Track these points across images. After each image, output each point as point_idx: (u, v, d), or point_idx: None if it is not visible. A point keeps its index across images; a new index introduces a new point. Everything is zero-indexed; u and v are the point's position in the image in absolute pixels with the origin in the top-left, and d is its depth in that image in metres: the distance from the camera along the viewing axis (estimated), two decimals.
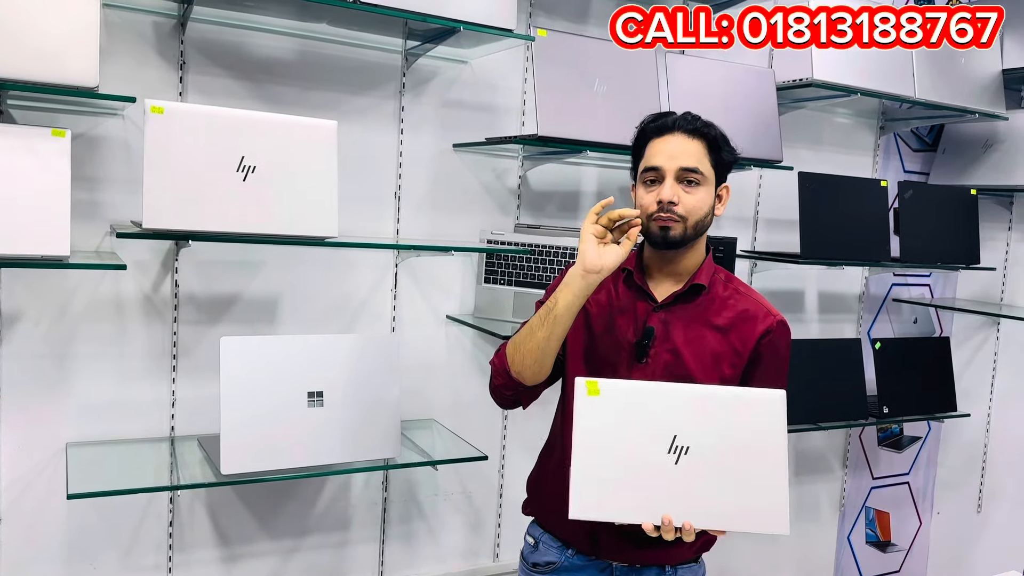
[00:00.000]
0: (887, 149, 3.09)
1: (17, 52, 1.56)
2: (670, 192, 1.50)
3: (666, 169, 1.51)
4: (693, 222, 1.52)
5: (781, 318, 1.60)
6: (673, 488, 1.35)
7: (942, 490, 3.40)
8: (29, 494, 1.91)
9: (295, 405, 1.83)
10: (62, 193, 1.61)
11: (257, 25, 2.04)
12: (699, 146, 1.53)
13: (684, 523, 1.35)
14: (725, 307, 1.58)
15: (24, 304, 1.87)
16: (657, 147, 1.54)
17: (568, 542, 1.65)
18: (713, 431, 1.36)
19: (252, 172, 1.71)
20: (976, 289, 3.31)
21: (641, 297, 1.59)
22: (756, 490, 1.36)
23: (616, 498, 1.36)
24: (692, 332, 1.56)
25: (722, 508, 1.36)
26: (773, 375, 1.60)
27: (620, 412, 1.37)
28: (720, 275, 1.62)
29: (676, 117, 1.56)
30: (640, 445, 1.36)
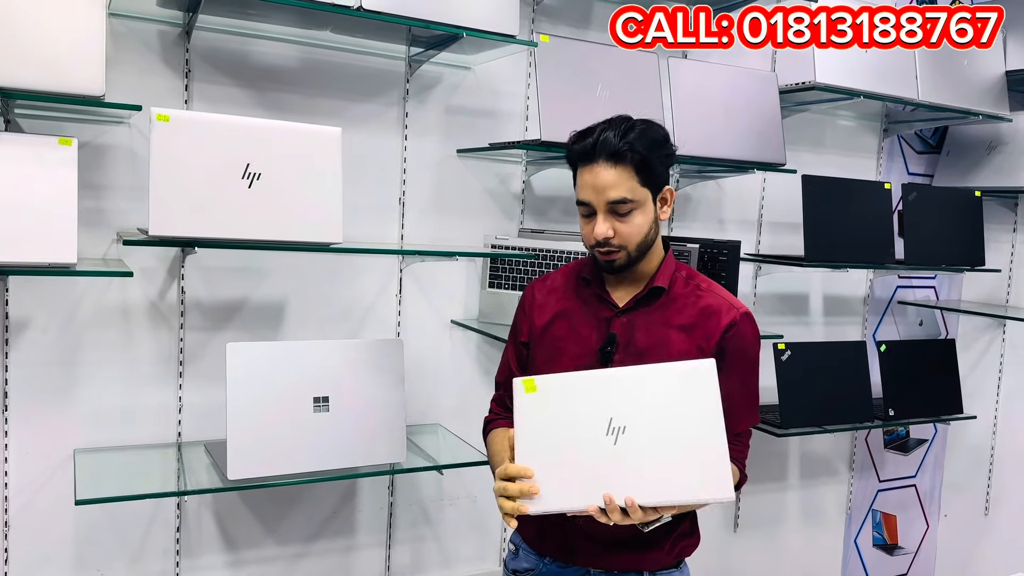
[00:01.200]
0: (891, 151, 3.09)
1: (24, 62, 1.58)
2: (603, 229, 1.47)
3: (595, 204, 1.48)
4: (634, 246, 1.50)
5: (745, 310, 1.57)
6: (614, 469, 1.34)
7: (949, 493, 3.39)
8: (37, 500, 1.92)
9: (301, 410, 1.84)
10: (69, 201, 1.63)
11: (261, 33, 2.05)
12: (625, 172, 1.46)
13: (626, 500, 1.31)
14: (687, 305, 1.56)
15: (32, 311, 1.88)
16: (584, 178, 1.49)
17: (544, 552, 1.63)
18: (647, 408, 1.37)
19: (257, 179, 1.72)
20: (981, 291, 3.30)
21: (602, 304, 1.58)
22: (696, 460, 1.35)
23: (560, 487, 1.36)
24: (655, 335, 1.54)
25: (663, 482, 1.34)
26: (742, 368, 1.58)
27: (557, 404, 1.39)
28: (681, 272, 1.60)
29: (596, 140, 1.47)
30: (579, 432, 1.37)
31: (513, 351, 1.68)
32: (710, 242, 2.34)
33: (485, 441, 1.69)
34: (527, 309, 1.66)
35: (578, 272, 1.64)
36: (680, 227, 2.67)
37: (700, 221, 2.71)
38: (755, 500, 2.93)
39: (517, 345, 1.67)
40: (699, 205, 2.70)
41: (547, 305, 1.63)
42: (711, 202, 2.72)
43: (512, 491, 1.35)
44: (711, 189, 2.71)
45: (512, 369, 1.66)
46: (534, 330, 1.63)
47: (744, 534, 2.93)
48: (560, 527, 1.56)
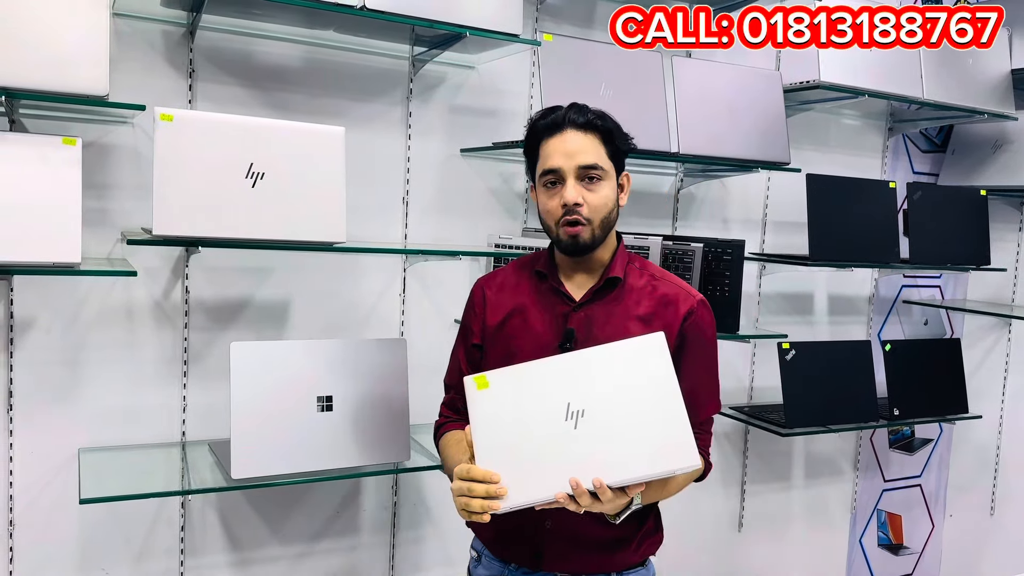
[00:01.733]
0: (896, 150, 3.08)
1: (28, 62, 1.58)
2: (573, 194, 1.47)
3: (565, 169, 1.47)
4: (599, 220, 1.49)
5: (701, 297, 1.57)
6: (578, 453, 1.32)
7: (954, 492, 3.38)
8: (42, 499, 1.92)
9: (305, 410, 1.84)
10: (73, 201, 1.63)
11: (265, 33, 2.06)
12: (594, 140, 1.49)
13: (594, 481, 1.29)
14: (644, 296, 1.55)
15: (36, 311, 1.89)
16: (552, 147, 1.49)
17: (508, 559, 1.60)
18: (603, 388, 1.35)
19: (261, 178, 1.73)
20: (987, 290, 3.29)
21: (558, 298, 1.56)
22: (658, 432, 1.33)
23: (525, 480, 1.33)
24: (615, 327, 1.52)
25: (629, 459, 1.32)
26: (703, 356, 1.57)
27: (512, 397, 1.37)
28: (635, 263, 1.59)
29: (566, 111, 1.50)
30: (538, 422, 1.35)
31: (463, 353, 1.65)
32: (714, 241, 2.34)
33: (437, 445, 1.65)
34: (478, 309, 1.63)
35: (530, 266, 1.62)
36: (684, 226, 2.66)
37: (704, 220, 2.70)
38: (760, 500, 2.93)
39: (468, 347, 1.64)
40: (703, 204, 2.70)
41: (499, 303, 1.60)
42: (715, 201, 2.72)
43: (478, 492, 1.32)
44: (715, 188, 2.71)
45: (463, 371, 1.62)
46: (487, 330, 1.60)
47: (749, 534, 2.92)
48: (527, 531, 1.53)
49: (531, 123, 1.55)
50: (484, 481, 1.33)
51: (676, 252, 2.27)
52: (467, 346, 1.64)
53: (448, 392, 1.69)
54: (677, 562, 2.74)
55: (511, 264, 1.68)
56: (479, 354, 1.62)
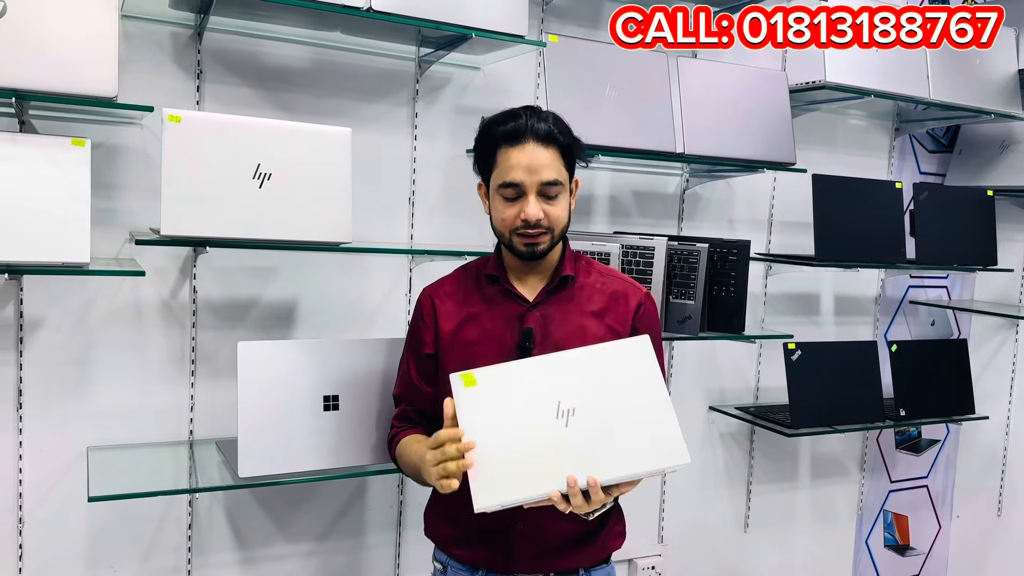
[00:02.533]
0: (902, 151, 3.08)
1: (38, 63, 1.59)
2: (535, 210, 1.47)
3: (527, 185, 1.48)
4: (559, 231, 1.53)
5: (646, 291, 1.63)
6: (570, 451, 1.33)
7: (961, 493, 3.37)
8: (51, 497, 1.94)
9: (311, 409, 1.85)
10: (82, 201, 1.65)
11: (272, 34, 2.07)
12: (554, 154, 1.49)
13: (588, 479, 1.29)
14: (595, 292, 1.58)
15: (45, 310, 1.90)
16: (513, 159, 1.48)
17: (476, 565, 1.60)
18: (593, 387, 1.36)
19: (268, 179, 1.74)
20: (994, 291, 3.28)
21: (511, 300, 1.57)
22: (649, 431, 1.34)
23: (517, 477, 1.33)
24: (570, 324, 1.55)
25: (622, 457, 1.33)
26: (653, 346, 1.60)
27: (501, 395, 1.37)
28: (581, 262, 1.63)
29: (525, 123, 1.49)
30: (528, 419, 1.35)
31: (414, 363, 1.63)
32: (720, 242, 2.34)
33: (394, 456, 1.64)
34: (427, 318, 1.62)
35: (477, 272, 1.63)
36: (690, 227, 2.66)
37: (710, 221, 2.70)
38: (766, 500, 2.92)
39: (420, 357, 1.62)
40: (709, 205, 2.70)
41: (450, 311, 1.60)
42: (721, 202, 2.72)
43: (451, 452, 1.32)
44: (721, 189, 2.71)
45: (414, 382, 1.62)
46: (441, 338, 1.59)
47: (755, 534, 2.92)
48: (496, 535, 1.54)
49: (487, 125, 1.54)
50: (449, 440, 1.33)
51: (681, 252, 2.27)
52: (418, 356, 1.63)
53: (398, 404, 1.69)
54: (683, 562, 2.74)
55: (455, 272, 1.69)
56: (432, 363, 1.61)
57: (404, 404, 1.67)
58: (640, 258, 2.23)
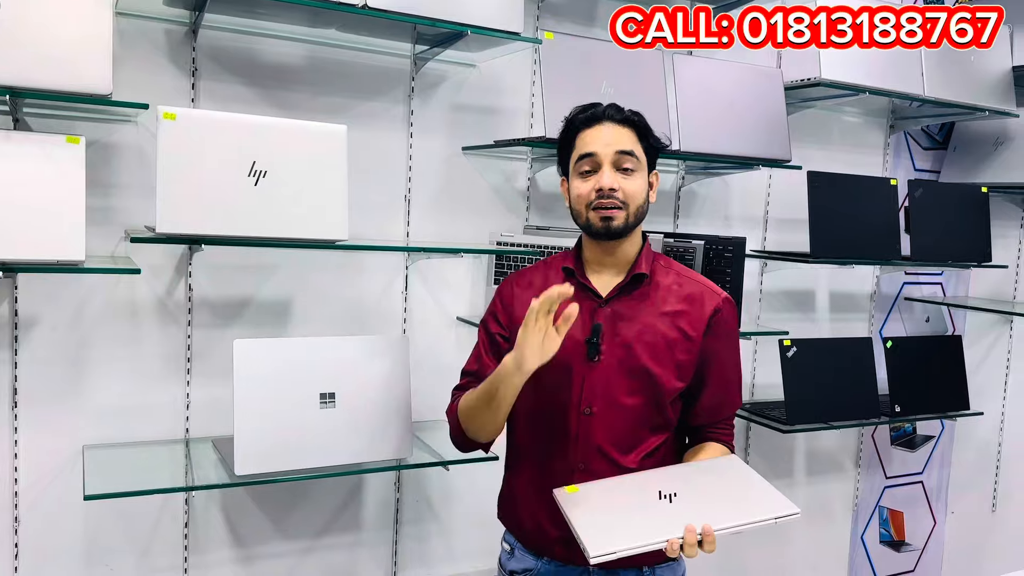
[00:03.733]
0: (897, 147, 3.08)
1: (32, 61, 1.59)
2: (610, 179, 1.51)
3: (602, 155, 1.52)
4: (634, 208, 1.53)
5: (726, 295, 1.61)
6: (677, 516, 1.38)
7: (956, 489, 3.39)
8: (47, 496, 1.94)
9: (308, 407, 1.85)
10: (77, 199, 1.64)
11: (267, 31, 2.06)
12: (630, 133, 1.54)
13: (703, 527, 1.34)
14: (670, 293, 1.58)
15: (40, 309, 1.90)
16: (590, 136, 1.54)
17: (542, 552, 1.63)
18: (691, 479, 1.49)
19: (264, 177, 1.73)
20: (989, 287, 3.29)
21: (585, 295, 1.58)
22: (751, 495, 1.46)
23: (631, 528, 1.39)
24: (641, 323, 1.55)
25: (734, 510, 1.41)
26: (730, 353, 1.62)
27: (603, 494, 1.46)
28: (660, 261, 1.63)
29: (604, 107, 1.56)
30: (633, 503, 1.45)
31: (487, 340, 1.67)
32: (715, 238, 2.34)
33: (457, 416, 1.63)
34: (507, 303, 1.65)
35: (557, 265, 1.65)
36: (685, 223, 2.67)
37: (705, 217, 2.71)
38: None
39: (492, 336, 1.65)
40: (704, 201, 2.70)
41: (526, 300, 1.58)
42: (716, 198, 2.72)
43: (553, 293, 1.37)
44: (716, 185, 2.71)
45: (484, 361, 1.65)
46: (514, 324, 1.61)
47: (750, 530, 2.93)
48: (561, 527, 1.55)
49: (568, 118, 1.60)
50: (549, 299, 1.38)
51: (678, 249, 2.28)
52: (490, 335, 1.67)
53: (463, 378, 1.71)
54: None
55: (539, 263, 1.72)
56: (505, 343, 1.64)
57: (469, 378, 1.68)
58: None
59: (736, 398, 1.66)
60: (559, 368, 1.54)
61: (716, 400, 1.62)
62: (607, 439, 1.56)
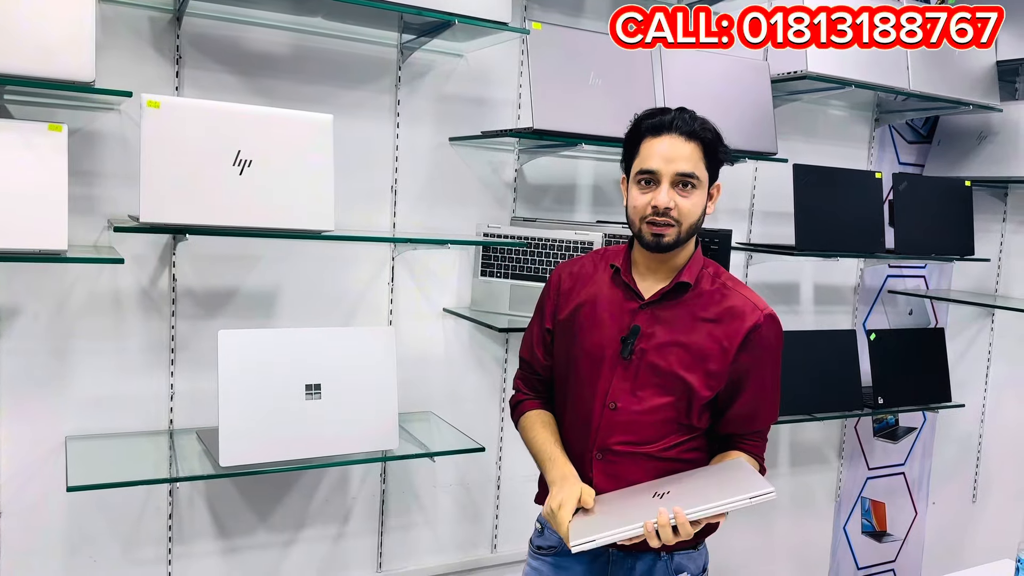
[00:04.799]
0: (882, 141, 3.10)
1: (14, 47, 1.56)
2: (666, 198, 1.50)
3: (662, 173, 1.51)
4: (687, 226, 1.53)
5: (770, 311, 1.60)
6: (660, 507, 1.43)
7: (937, 480, 3.42)
8: (29, 487, 1.92)
9: (293, 398, 1.84)
10: (59, 187, 1.62)
11: (252, 19, 2.04)
12: (695, 149, 1.52)
13: (675, 510, 1.39)
14: (712, 303, 1.58)
15: (22, 299, 1.88)
16: (653, 148, 1.52)
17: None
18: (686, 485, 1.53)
19: (248, 166, 1.72)
20: (971, 280, 3.32)
21: (628, 294, 1.60)
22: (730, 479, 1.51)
23: (611, 520, 1.45)
24: (678, 330, 1.56)
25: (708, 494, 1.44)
26: (766, 369, 1.62)
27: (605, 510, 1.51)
28: (708, 269, 1.62)
29: (673, 116, 1.54)
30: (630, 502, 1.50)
31: (538, 332, 1.72)
32: (701, 231, 2.34)
33: (518, 421, 1.74)
34: (553, 294, 1.70)
35: (607, 259, 1.67)
36: None
37: None
38: None
39: (542, 328, 1.71)
40: None
41: (573, 291, 1.66)
42: None
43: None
44: None
45: (534, 350, 1.72)
46: (558, 314, 1.67)
47: (734, 520, 2.92)
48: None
49: (637, 119, 1.59)
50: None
51: None
52: (541, 326, 1.71)
53: (522, 365, 1.77)
54: None
55: (591, 253, 1.73)
56: (550, 338, 1.70)
57: (526, 368, 1.76)
58: None
59: (770, 413, 1.66)
60: (594, 361, 1.59)
61: (747, 413, 1.62)
62: (627, 434, 1.58)
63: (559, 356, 1.67)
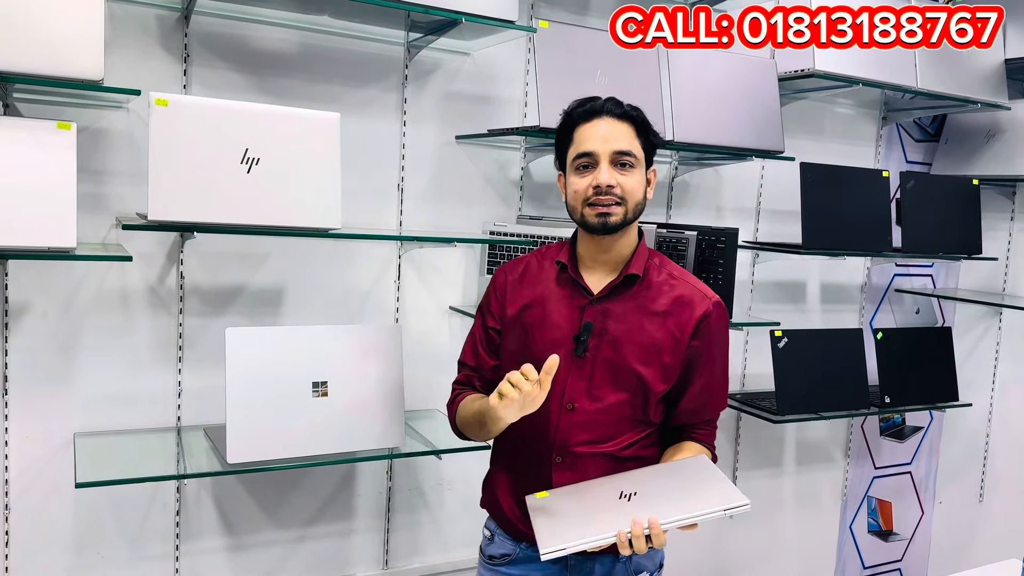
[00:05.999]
0: (889, 139, 3.09)
1: (23, 46, 1.57)
2: (607, 176, 1.50)
3: (600, 153, 1.51)
4: (632, 204, 1.53)
5: (717, 299, 1.60)
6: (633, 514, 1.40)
7: (944, 479, 3.41)
8: (38, 484, 1.93)
9: (300, 395, 1.85)
10: (68, 185, 1.63)
11: (260, 18, 2.05)
12: (629, 129, 1.53)
13: (649, 520, 1.36)
14: (661, 294, 1.58)
15: (31, 296, 1.89)
16: (588, 131, 1.53)
17: (520, 537, 1.64)
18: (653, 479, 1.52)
19: (256, 164, 1.73)
20: (978, 279, 3.31)
21: (576, 290, 1.58)
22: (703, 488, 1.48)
23: (582, 526, 1.42)
24: (630, 323, 1.56)
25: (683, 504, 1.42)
26: (716, 357, 1.62)
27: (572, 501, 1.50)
28: (654, 260, 1.62)
29: (603, 101, 1.55)
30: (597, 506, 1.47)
31: (482, 334, 1.68)
32: (708, 229, 2.35)
33: (454, 415, 1.67)
34: (499, 294, 1.66)
35: (551, 257, 1.64)
36: (678, 214, 2.67)
37: (698, 208, 2.71)
38: (751, 486, 2.95)
39: (487, 328, 1.67)
40: (697, 192, 2.70)
41: (519, 291, 1.63)
42: (709, 189, 2.73)
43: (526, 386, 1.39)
44: (709, 176, 2.71)
45: (479, 351, 1.67)
46: (505, 316, 1.63)
47: (739, 519, 2.95)
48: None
49: (567, 112, 1.59)
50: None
51: (670, 240, 2.28)
52: (485, 327, 1.68)
53: (462, 370, 1.72)
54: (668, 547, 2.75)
55: (534, 252, 1.71)
56: (498, 337, 1.66)
57: (467, 371, 1.70)
58: None
59: (720, 401, 1.66)
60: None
61: (699, 402, 1.63)
62: (585, 433, 1.57)
63: (508, 359, 1.62)
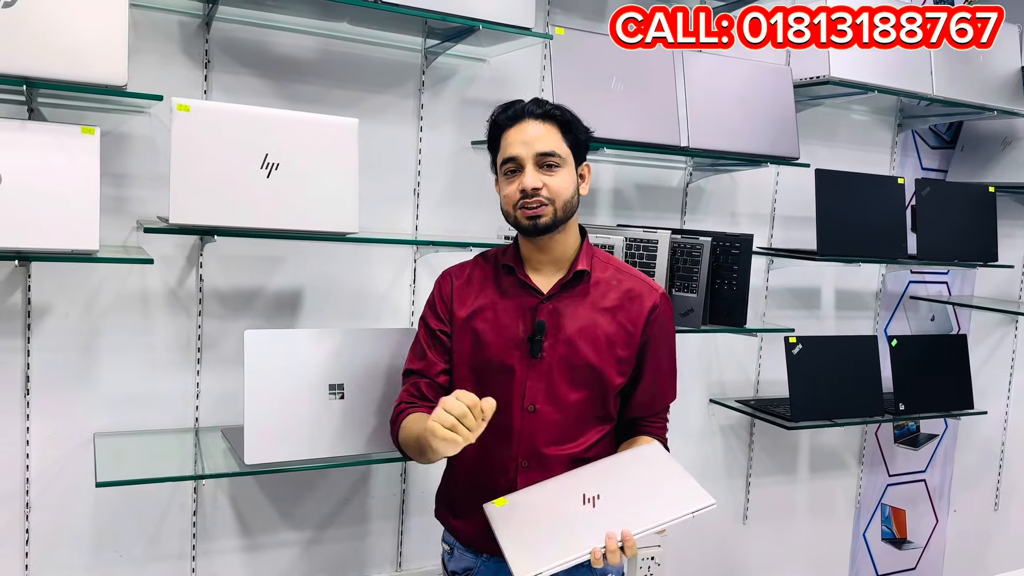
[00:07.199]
0: (905, 146, 3.09)
1: (48, 52, 1.60)
2: (532, 179, 1.51)
3: (524, 157, 1.53)
4: (561, 204, 1.53)
5: (662, 291, 1.63)
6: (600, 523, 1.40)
7: (959, 488, 3.39)
8: (58, 483, 1.96)
9: (317, 397, 1.86)
10: (91, 189, 1.65)
11: (280, 24, 2.07)
12: (552, 129, 1.55)
13: (623, 532, 1.34)
14: (610, 289, 1.59)
15: (53, 297, 1.92)
16: (511, 137, 1.55)
17: (481, 549, 1.64)
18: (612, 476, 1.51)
19: (275, 169, 1.75)
20: (994, 287, 3.30)
21: (526, 292, 1.59)
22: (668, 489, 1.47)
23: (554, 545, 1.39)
24: (582, 319, 1.57)
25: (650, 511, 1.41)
26: (666, 347, 1.64)
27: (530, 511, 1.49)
28: (598, 256, 1.64)
29: (525, 104, 1.57)
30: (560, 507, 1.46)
31: (427, 338, 1.65)
32: (723, 235, 2.35)
33: (396, 432, 1.61)
34: (445, 297, 1.65)
35: (495, 261, 1.65)
36: (693, 220, 2.68)
37: (713, 214, 2.71)
38: (765, 492, 2.94)
39: (434, 332, 1.64)
40: (712, 198, 2.71)
41: (467, 297, 1.63)
42: (724, 195, 2.73)
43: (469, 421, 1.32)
44: (724, 182, 2.72)
45: (429, 358, 1.63)
46: (455, 318, 1.63)
47: (753, 526, 2.94)
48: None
49: (491, 119, 1.61)
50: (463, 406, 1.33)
51: (684, 246, 2.29)
52: (431, 330, 1.65)
53: (407, 379, 1.68)
54: (682, 554, 2.76)
55: (476, 258, 1.71)
56: (448, 341, 1.64)
57: (415, 378, 1.66)
58: (644, 251, 2.24)
59: (670, 392, 1.68)
60: (501, 366, 1.56)
61: (650, 394, 1.64)
62: (550, 435, 1.57)
63: (461, 367, 1.61)
